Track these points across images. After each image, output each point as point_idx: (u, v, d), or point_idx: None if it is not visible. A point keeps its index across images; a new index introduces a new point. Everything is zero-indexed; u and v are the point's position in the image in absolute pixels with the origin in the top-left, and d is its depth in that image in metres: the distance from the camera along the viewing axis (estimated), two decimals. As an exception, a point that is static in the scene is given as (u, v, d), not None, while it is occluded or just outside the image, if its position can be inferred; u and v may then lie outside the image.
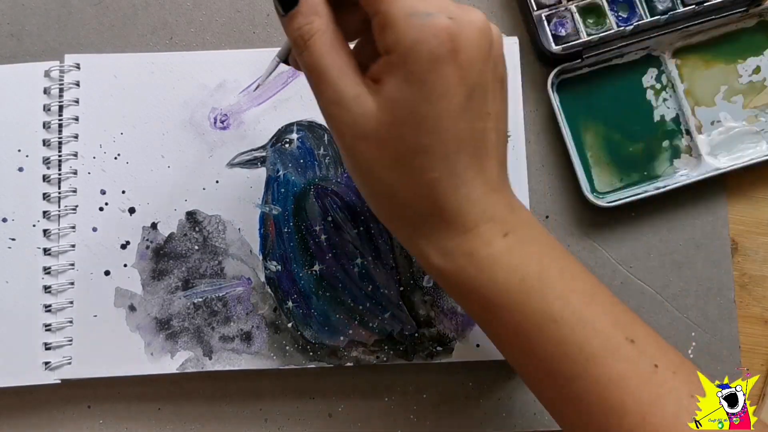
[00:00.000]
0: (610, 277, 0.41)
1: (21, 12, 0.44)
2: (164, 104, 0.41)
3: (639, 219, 0.42)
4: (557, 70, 0.41)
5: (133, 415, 0.41)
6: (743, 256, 0.42)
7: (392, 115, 0.28)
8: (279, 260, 0.40)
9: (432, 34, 0.27)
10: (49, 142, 0.41)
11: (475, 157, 0.29)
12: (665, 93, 0.42)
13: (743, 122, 0.42)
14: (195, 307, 0.40)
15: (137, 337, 0.39)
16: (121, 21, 0.43)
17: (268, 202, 0.40)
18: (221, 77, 0.41)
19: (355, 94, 0.28)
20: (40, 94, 0.41)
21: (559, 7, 0.41)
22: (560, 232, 0.42)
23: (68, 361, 0.39)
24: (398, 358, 0.39)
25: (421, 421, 0.40)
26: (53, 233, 0.40)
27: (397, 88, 0.28)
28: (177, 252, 0.40)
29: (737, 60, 0.42)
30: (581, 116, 0.42)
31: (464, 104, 0.28)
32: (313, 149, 0.41)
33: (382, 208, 0.31)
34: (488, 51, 0.28)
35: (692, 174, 0.41)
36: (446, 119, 0.28)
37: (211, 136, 0.41)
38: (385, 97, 0.28)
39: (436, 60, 0.27)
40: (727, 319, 0.41)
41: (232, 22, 0.43)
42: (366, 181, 0.30)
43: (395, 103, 0.28)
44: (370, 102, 0.28)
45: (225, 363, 0.39)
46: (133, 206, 0.41)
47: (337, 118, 0.29)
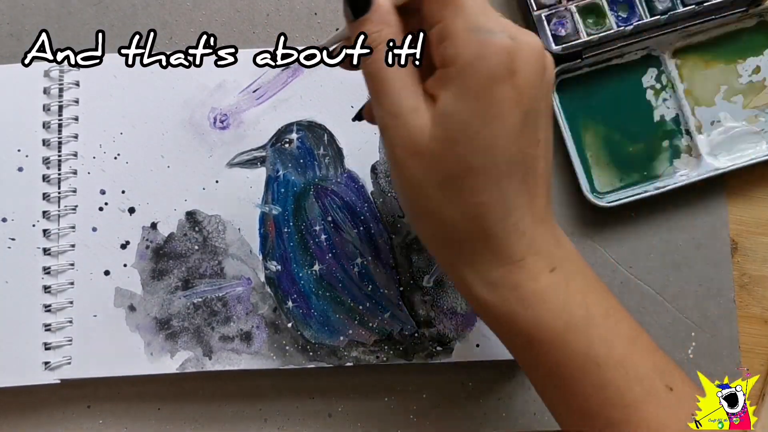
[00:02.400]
0: (610, 277, 0.41)
1: (21, 12, 0.44)
2: (164, 104, 0.41)
3: (639, 219, 0.42)
4: (557, 70, 0.41)
5: (133, 415, 0.41)
6: (743, 256, 0.42)
7: (445, 131, 0.27)
8: (279, 260, 0.40)
9: (493, 52, 0.26)
10: (49, 142, 0.41)
11: (525, 184, 0.28)
12: (665, 93, 0.42)
13: (743, 122, 0.42)
14: (195, 307, 0.40)
15: (137, 337, 0.39)
16: (121, 21, 0.43)
17: (268, 202, 0.40)
18: (221, 77, 0.41)
19: (414, 107, 0.28)
20: (39, 94, 0.41)
21: (559, 7, 0.41)
22: (560, 232, 0.42)
23: (68, 361, 0.39)
24: (398, 358, 0.39)
25: (421, 421, 0.40)
26: (53, 233, 0.40)
27: (451, 102, 0.27)
28: (177, 252, 0.40)
29: (737, 60, 0.42)
30: (581, 116, 0.42)
31: (518, 128, 0.27)
32: (312, 149, 0.41)
33: (426, 230, 0.30)
34: (542, 76, 0.28)
35: (692, 174, 0.41)
36: (500, 140, 0.27)
37: (211, 136, 0.41)
38: (439, 112, 0.27)
39: (494, 78, 0.26)
40: (726, 319, 0.41)
41: (232, 22, 0.43)
42: (413, 199, 0.29)
43: (449, 119, 0.27)
44: (427, 116, 0.28)
45: (225, 363, 0.39)
46: (133, 206, 0.41)
47: (392, 129, 0.28)
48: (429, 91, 0.28)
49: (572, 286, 0.29)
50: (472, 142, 0.27)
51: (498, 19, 0.27)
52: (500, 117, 0.27)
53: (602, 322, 0.29)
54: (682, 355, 0.40)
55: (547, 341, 0.29)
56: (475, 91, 0.27)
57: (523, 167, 0.28)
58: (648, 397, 0.29)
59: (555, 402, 0.31)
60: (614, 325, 0.29)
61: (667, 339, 0.41)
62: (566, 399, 0.30)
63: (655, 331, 0.41)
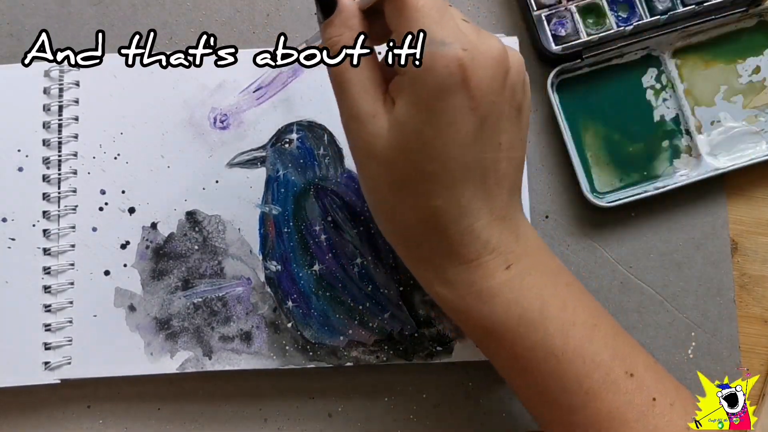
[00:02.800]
0: (610, 277, 0.41)
1: (21, 12, 0.44)
2: (164, 104, 0.41)
3: (639, 219, 0.42)
4: (557, 70, 0.41)
5: (133, 415, 0.41)
6: (743, 256, 0.42)
7: (400, 138, 0.28)
8: (279, 260, 0.40)
9: (442, 64, 0.26)
10: (49, 142, 0.41)
11: (483, 186, 0.29)
12: (665, 93, 0.42)
13: (743, 122, 0.42)
14: (195, 307, 0.40)
15: (137, 337, 0.39)
16: (121, 21, 0.43)
17: (268, 202, 0.40)
18: (221, 77, 0.41)
19: (373, 112, 0.28)
20: (39, 94, 0.41)
21: (559, 7, 0.41)
22: (560, 232, 0.42)
23: (68, 361, 0.39)
24: (398, 358, 0.39)
25: (421, 421, 0.40)
26: (53, 233, 0.40)
27: (405, 111, 0.27)
28: (177, 252, 0.40)
29: (737, 60, 0.42)
30: (581, 116, 0.42)
31: (474, 134, 0.27)
32: (312, 149, 0.41)
33: (386, 229, 0.31)
34: (503, 80, 0.28)
35: (692, 174, 0.41)
36: (453, 148, 0.27)
37: (211, 136, 0.41)
38: (394, 119, 0.28)
39: (445, 89, 0.26)
40: (726, 319, 0.41)
41: (232, 22, 0.43)
42: (373, 199, 0.31)
43: (403, 127, 0.27)
44: (384, 122, 0.28)
45: (225, 363, 0.39)
46: (133, 206, 0.41)
47: (353, 132, 0.29)
48: (391, 94, 0.28)
49: (528, 281, 0.30)
50: (426, 150, 0.27)
51: (455, 28, 0.27)
52: (453, 125, 0.27)
53: (558, 314, 0.30)
54: (682, 355, 0.40)
55: (503, 335, 0.30)
56: (426, 101, 0.27)
57: (480, 171, 0.28)
58: (605, 384, 0.29)
59: (521, 392, 0.32)
60: (571, 316, 0.30)
61: (667, 339, 0.41)
62: (528, 387, 0.31)
63: (655, 331, 0.41)
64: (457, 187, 0.28)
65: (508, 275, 0.29)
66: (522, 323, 0.29)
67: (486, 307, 0.29)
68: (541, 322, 0.29)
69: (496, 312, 0.29)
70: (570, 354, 0.29)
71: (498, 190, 0.29)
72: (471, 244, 0.29)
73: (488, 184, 0.29)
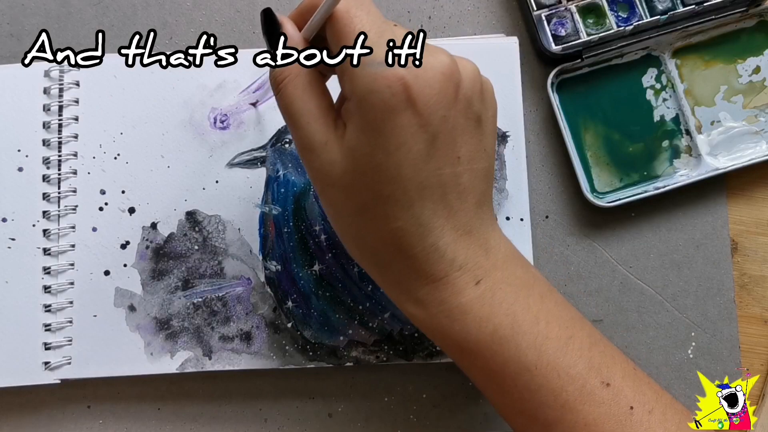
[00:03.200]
0: (610, 277, 0.41)
1: (21, 12, 0.44)
2: (164, 104, 0.41)
3: (639, 219, 0.42)
4: (557, 70, 0.41)
5: (133, 415, 0.41)
6: (743, 256, 0.42)
7: (354, 163, 0.27)
8: (279, 260, 0.40)
9: (386, 84, 0.26)
10: (49, 142, 0.41)
11: (443, 203, 0.28)
12: (665, 93, 0.42)
13: (743, 122, 0.42)
14: (195, 307, 0.40)
15: (137, 337, 0.39)
16: (121, 21, 0.43)
17: (268, 202, 0.40)
18: (221, 77, 0.41)
19: (324, 141, 0.28)
20: (39, 94, 0.41)
21: (559, 7, 0.41)
22: (560, 232, 0.42)
23: (68, 361, 0.39)
24: (398, 358, 0.39)
25: (421, 421, 0.40)
26: (53, 233, 0.40)
27: (355, 136, 0.27)
28: (177, 252, 0.40)
29: (737, 60, 0.42)
30: (581, 116, 0.42)
31: (427, 152, 0.27)
32: (312, 149, 0.41)
33: (353, 252, 0.31)
34: (454, 94, 0.27)
35: (692, 174, 0.41)
36: (407, 168, 0.27)
37: (211, 136, 0.41)
38: (346, 145, 0.28)
39: (390, 110, 0.26)
40: (726, 319, 0.41)
41: (232, 22, 0.43)
42: (337, 225, 0.30)
43: (354, 152, 0.27)
44: (336, 149, 0.28)
45: (225, 363, 0.39)
46: (133, 206, 0.41)
47: (308, 162, 0.29)
48: (343, 119, 0.28)
49: (499, 296, 0.29)
50: (379, 173, 0.27)
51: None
52: (404, 145, 0.27)
53: (530, 329, 0.29)
54: (682, 355, 0.40)
55: (476, 352, 0.30)
56: (373, 124, 0.27)
57: (438, 189, 0.28)
58: (581, 396, 0.29)
59: (499, 407, 0.32)
60: (544, 328, 0.30)
61: (667, 339, 0.41)
62: (505, 402, 0.31)
63: (655, 331, 0.41)
64: (416, 207, 0.28)
65: (477, 291, 0.29)
66: (495, 339, 0.29)
67: (457, 324, 0.29)
68: (512, 337, 0.29)
69: (468, 329, 0.29)
70: (543, 368, 0.29)
71: (461, 204, 0.29)
72: (437, 262, 0.29)
73: (449, 199, 0.28)
